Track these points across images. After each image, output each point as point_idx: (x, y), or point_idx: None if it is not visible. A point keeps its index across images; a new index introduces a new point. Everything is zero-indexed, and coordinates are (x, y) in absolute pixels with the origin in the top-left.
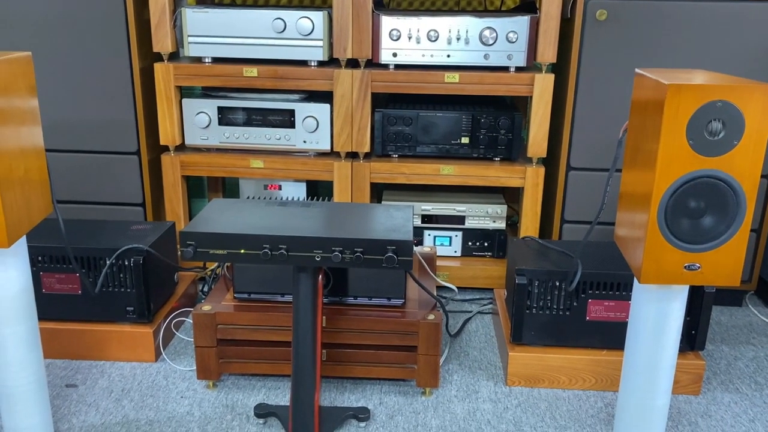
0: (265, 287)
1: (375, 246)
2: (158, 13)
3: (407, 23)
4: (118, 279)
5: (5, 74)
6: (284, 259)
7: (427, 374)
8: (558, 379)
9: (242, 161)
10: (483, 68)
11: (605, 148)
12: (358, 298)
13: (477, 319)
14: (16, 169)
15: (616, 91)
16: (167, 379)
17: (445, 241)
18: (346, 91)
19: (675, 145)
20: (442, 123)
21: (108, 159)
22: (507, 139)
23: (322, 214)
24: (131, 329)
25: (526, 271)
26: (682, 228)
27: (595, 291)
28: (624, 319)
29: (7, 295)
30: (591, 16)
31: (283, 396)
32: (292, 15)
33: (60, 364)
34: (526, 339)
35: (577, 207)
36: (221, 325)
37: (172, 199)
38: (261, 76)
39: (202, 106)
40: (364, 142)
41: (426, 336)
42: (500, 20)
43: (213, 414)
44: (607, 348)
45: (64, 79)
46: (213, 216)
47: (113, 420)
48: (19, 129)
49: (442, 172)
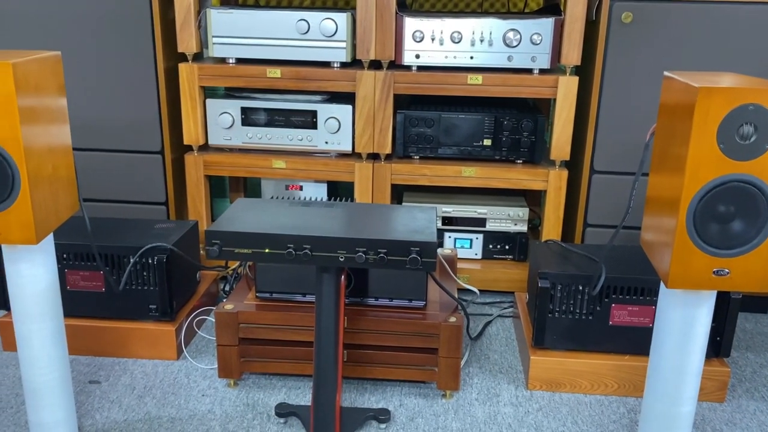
0: (287, 287)
1: (399, 247)
2: (183, 14)
3: (431, 24)
4: (141, 277)
5: (36, 73)
6: (308, 259)
7: (448, 377)
8: (580, 384)
9: (264, 161)
10: (506, 70)
11: (629, 152)
12: (379, 299)
13: (497, 322)
14: (44, 167)
15: (640, 93)
16: (189, 378)
17: (465, 243)
18: (369, 92)
19: (705, 149)
20: (464, 125)
21: (132, 158)
22: (530, 141)
23: (345, 215)
24: (154, 327)
25: (549, 274)
26: (711, 233)
27: (619, 295)
28: (648, 324)
29: (34, 292)
30: (616, 18)
31: (303, 396)
32: (315, 16)
33: (83, 361)
34: (548, 343)
35: (600, 210)
36: (243, 324)
37: (195, 198)
38: (284, 77)
39: (225, 107)
40: (385, 144)
41: (447, 338)
42: (524, 22)
43: (234, 413)
44: (630, 353)
45: (90, 79)
46: (238, 215)
47: (136, 417)
48: (49, 127)
49: (464, 174)
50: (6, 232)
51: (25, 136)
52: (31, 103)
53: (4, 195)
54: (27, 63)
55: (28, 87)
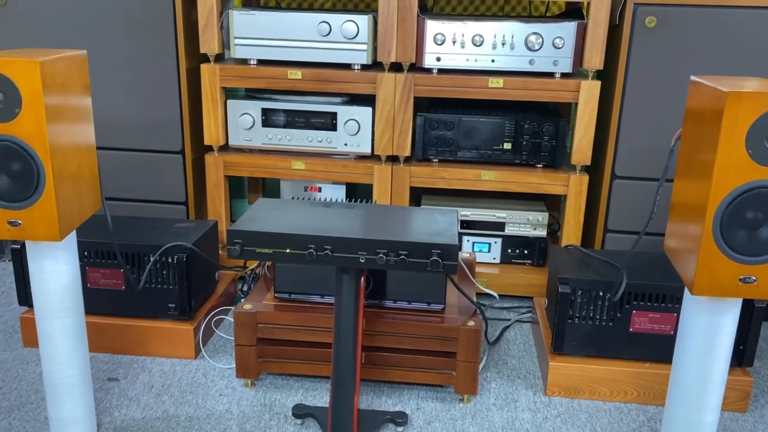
0: (306, 288)
1: (420, 249)
2: (206, 15)
3: (452, 27)
4: (161, 276)
5: (63, 72)
6: (329, 260)
7: (466, 381)
8: (599, 391)
9: (284, 162)
10: (528, 74)
11: (651, 157)
12: (397, 301)
13: (515, 327)
14: (69, 165)
15: (663, 98)
16: (206, 377)
17: (484, 247)
18: (389, 94)
19: (733, 155)
20: (484, 128)
21: (153, 157)
22: (551, 145)
23: (366, 216)
24: (172, 326)
25: (569, 279)
26: (738, 239)
27: (640, 302)
28: (668, 332)
29: (57, 288)
30: (640, 22)
31: (320, 397)
32: (337, 18)
33: (102, 358)
34: (568, 349)
35: (621, 216)
36: (261, 324)
37: (215, 198)
38: (305, 79)
39: (246, 108)
40: (405, 146)
41: (466, 342)
42: (546, 26)
43: (251, 413)
44: (651, 360)
45: (112, 79)
46: (259, 215)
47: (153, 415)
48: (74, 126)
49: (483, 177)
50: (30, 229)
51: (51, 134)
52: (57, 101)
53: (29, 192)
54: (54, 62)
55: (55, 85)
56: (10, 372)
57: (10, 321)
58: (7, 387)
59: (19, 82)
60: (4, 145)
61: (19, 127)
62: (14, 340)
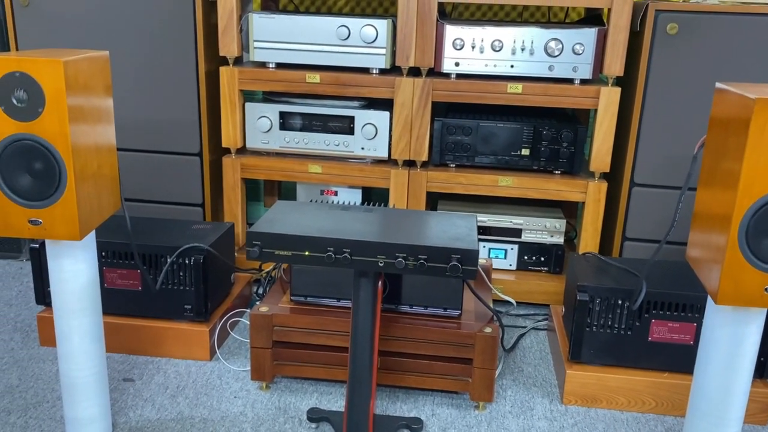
0: (322, 291)
1: (439, 254)
2: (226, 18)
3: (471, 33)
4: (177, 277)
5: (86, 72)
6: (348, 263)
7: (482, 388)
8: (616, 400)
9: (301, 166)
10: (547, 80)
11: (671, 165)
12: (413, 306)
13: (531, 334)
14: (90, 165)
15: (684, 106)
16: (221, 379)
17: (500, 253)
18: (407, 99)
19: (760, 163)
20: (502, 134)
21: (170, 159)
22: (569, 152)
23: (385, 220)
24: (188, 327)
25: (587, 287)
26: (764, 248)
27: (659, 311)
28: (688, 341)
29: (75, 287)
30: (661, 29)
31: (335, 402)
32: (356, 22)
33: (117, 358)
34: (585, 357)
35: (639, 224)
36: (277, 326)
37: (231, 200)
38: (323, 83)
39: (264, 111)
40: (422, 151)
41: (482, 349)
42: (566, 31)
43: (266, 416)
44: (670, 370)
45: (132, 80)
46: (278, 217)
47: (168, 416)
48: (95, 126)
49: (501, 183)
50: (51, 228)
51: (73, 134)
52: (79, 100)
53: (50, 190)
54: (77, 62)
55: (78, 85)
56: (27, 371)
57: (27, 320)
58: (24, 386)
59: (42, 82)
60: (27, 144)
61: (41, 126)
62: (31, 339)
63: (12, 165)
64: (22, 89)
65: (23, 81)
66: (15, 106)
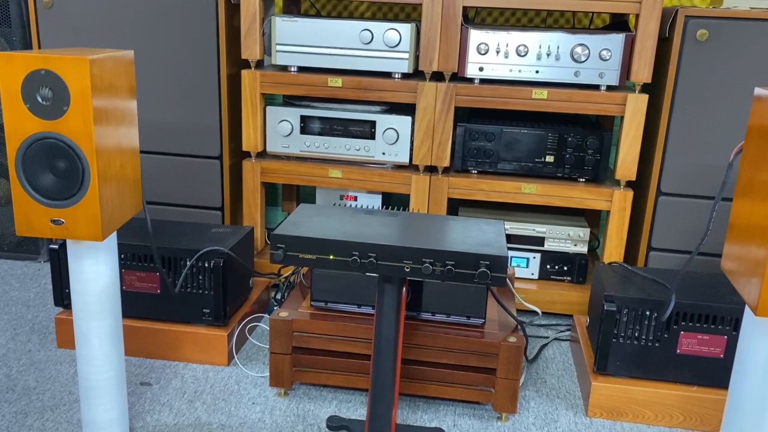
0: (343, 297)
1: (468, 260)
2: (249, 21)
3: (496, 37)
4: (196, 280)
5: (111, 71)
6: (373, 268)
7: (505, 399)
8: (643, 414)
9: (321, 170)
10: (572, 85)
11: (700, 174)
12: (435, 314)
13: (554, 345)
14: (113, 165)
15: (713, 114)
16: (239, 384)
17: (521, 262)
18: (429, 104)
19: None
20: (526, 140)
21: (191, 162)
22: (594, 159)
23: (410, 225)
24: (206, 331)
25: (615, 297)
26: None
27: (689, 323)
28: (718, 354)
29: (95, 289)
30: (691, 35)
31: (354, 410)
32: (379, 27)
33: (135, 362)
34: (611, 369)
35: (665, 234)
36: (297, 332)
37: (251, 204)
38: (345, 87)
39: (285, 115)
40: (444, 157)
41: (506, 359)
42: (593, 37)
43: (284, 423)
44: (699, 384)
45: (153, 83)
46: (302, 220)
47: (186, 422)
48: (119, 126)
49: (524, 190)
50: (73, 228)
51: (97, 132)
52: (104, 99)
53: (73, 190)
54: (103, 60)
55: (103, 84)
56: (44, 373)
57: (44, 322)
58: (41, 388)
59: (68, 80)
60: (51, 142)
61: (66, 125)
62: (49, 340)
63: (35, 164)
64: (47, 87)
65: (49, 79)
66: (40, 105)
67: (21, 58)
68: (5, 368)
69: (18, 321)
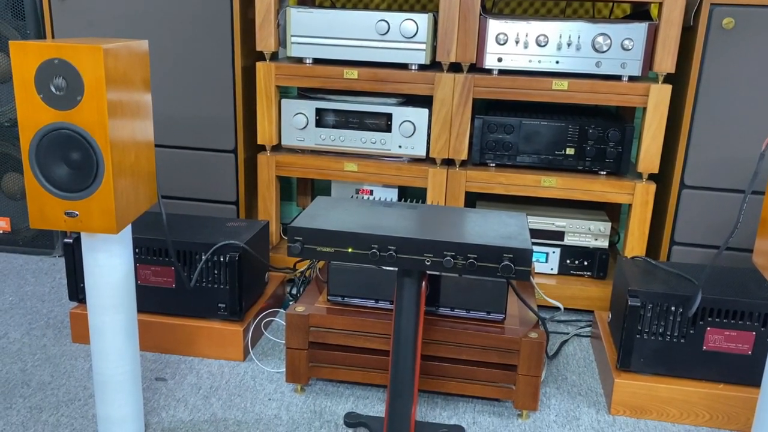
0: (360, 292)
1: (491, 253)
2: (263, 12)
3: (516, 27)
4: (212, 275)
5: (125, 61)
6: (392, 261)
7: (526, 396)
8: (668, 412)
9: (336, 164)
10: (594, 76)
11: (724, 166)
12: (454, 309)
13: (574, 341)
14: (127, 157)
15: (739, 105)
16: (255, 380)
17: (541, 257)
18: (447, 95)
19: None
20: (546, 132)
21: (205, 156)
22: (616, 152)
23: (430, 217)
24: (221, 326)
25: (639, 292)
26: None
27: (715, 319)
28: (746, 351)
29: (109, 282)
30: (716, 24)
31: (372, 406)
32: (396, 17)
33: (150, 357)
34: (635, 366)
35: (689, 228)
36: (314, 327)
37: (266, 198)
38: (360, 79)
39: (300, 107)
40: (461, 149)
41: (528, 355)
42: (615, 26)
43: (301, 419)
44: (726, 382)
45: (167, 75)
46: (320, 213)
47: (201, 418)
48: (133, 117)
49: (543, 183)
50: (87, 220)
51: (111, 123)
52: (118, 88)
53: (87, 182)
54: (117, 50)
55: (117, 73)
56: (59, 368)
57: (59, 316)
58: (56, 383)
59: (82, 69)
60: (65, 133)
61: (80, 115)
62: (63, 335)
63: (49, 155)
64: (61, 77)
65: (62, 68)
66: (53, 94)
67: (34, 47)
68: (20, 363)
69: (33, 316)
